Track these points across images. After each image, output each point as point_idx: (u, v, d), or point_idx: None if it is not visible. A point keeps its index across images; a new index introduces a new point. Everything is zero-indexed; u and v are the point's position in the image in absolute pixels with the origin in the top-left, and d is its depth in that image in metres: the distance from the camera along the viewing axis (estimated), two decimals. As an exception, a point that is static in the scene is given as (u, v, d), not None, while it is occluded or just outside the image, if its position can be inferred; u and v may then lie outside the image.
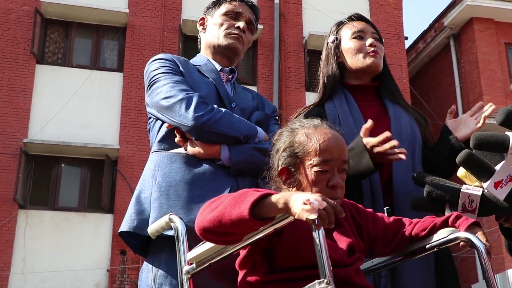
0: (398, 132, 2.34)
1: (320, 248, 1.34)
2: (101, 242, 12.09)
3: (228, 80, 2.44)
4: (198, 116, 2.10)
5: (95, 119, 12.88)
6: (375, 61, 2.44)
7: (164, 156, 2.20)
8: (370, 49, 2.44)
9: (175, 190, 2.09)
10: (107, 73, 13.45)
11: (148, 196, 2.13)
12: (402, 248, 1.80)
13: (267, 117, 2.40)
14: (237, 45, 2.43)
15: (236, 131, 2.15)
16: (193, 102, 2.13)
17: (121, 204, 12.20)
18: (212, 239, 1.52)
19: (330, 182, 1.66)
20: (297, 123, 1.78)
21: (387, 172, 2.29)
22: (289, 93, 14.14)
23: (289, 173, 1.71)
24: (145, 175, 2.20)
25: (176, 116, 2.14)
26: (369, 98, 2.48)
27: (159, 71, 2.27)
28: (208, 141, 2.14)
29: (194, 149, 2.17)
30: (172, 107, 2.15)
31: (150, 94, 2.26)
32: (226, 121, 2.14)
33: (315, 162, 1.66)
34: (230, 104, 2.32)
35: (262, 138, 2.23)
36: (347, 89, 2.48)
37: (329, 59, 2.51)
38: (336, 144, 1.69)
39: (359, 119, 2.36)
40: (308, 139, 1.69)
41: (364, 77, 2.48)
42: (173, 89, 2.19)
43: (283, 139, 1.76)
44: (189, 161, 2.16)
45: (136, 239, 2.14)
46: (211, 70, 2.40)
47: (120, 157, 12.69)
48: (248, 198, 1.41)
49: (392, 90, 2.49)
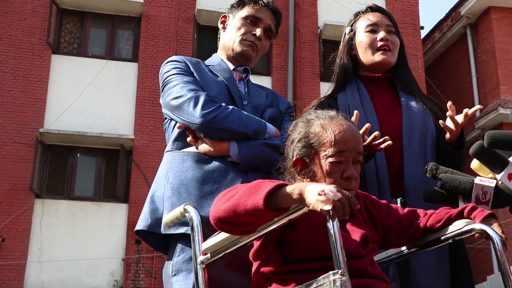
0: (410, 123, 2.33)
1: (334, 239, 1.34)
2: (116, 231, 12.16)
3: (241, 79, 2.46)
4: (205, 113, 2.14)
5: (110, 109, 12.91)
6: (384, 59, 2.43)
7: (176, 156, 2.24)
8: (380, 44, 2.44)
9: (186, 188, 2.13)
10: (122, 63, 13.46)
11: (161, 195, 2.17)
12: (416, 239, 1.80)
13: (280, 114, 2.41)
14: (250, 53, 2.44)
15: (244, 127, 2.17)
16: (200, 100, 2.17)
17: (136, 194, 12.25)
18: (227, 229, 1.53)
19: (344, 173, 1.66)
20: (313, 114, 1.78)
21: (398, 164, 2.29)
22: (304, 83, 14.06)
23: (303, 164, 1.71)
24: (159, 175, 2.24)
25: (185, 114, 2.18)
26: (382, 89, 2.48)
27: (171, 72, 2.32)
28: (217, 138, 2.17)
29: (204, 147, 2.19)
30: (181, 106, 2.19)
31: (163, 95, 2.31)
32: (234, 117, 2.16)
33: (330, 153, 1.66)
34: (242, 102, 2.34)
35: (272, 134, 2.24)
36: (360, 80, 2.48)
37: (344, 51, 2.52)
38: (351, 135, 1.69)
39: (370, 109, 2.36)
40: (324, 130, 1.69)
41: (376, 70, 2.49)
42: (182, 89, 2.23)
43: (298, 129, 1.76)
44: (200, 159, 2.19)
45: (154, 236, 2.19)
46: (224, 70, 2.42)
47: (135, 147, 12.72)
48: (263, 188, 1.42)
49: (405, 81, 2.48)
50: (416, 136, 2.30)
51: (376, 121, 2.33)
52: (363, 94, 2.42)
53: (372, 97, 2.42)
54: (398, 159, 2.29)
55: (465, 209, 1.73)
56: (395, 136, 2.31)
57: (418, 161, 2.27)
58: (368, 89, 2.45)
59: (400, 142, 2.32)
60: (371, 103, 2.39)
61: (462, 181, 1.97)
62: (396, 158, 2.30)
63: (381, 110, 2.40)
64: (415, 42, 14.84)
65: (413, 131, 2.31)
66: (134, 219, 11.57)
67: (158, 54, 13.38)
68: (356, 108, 2.34)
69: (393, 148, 2.25)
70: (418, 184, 2.21)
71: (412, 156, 2.28)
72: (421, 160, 2.27)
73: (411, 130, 2.32)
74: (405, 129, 2.33)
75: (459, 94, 16.09)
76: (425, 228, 1.79)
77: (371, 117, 2.34)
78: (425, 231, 1.79)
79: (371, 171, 2.23)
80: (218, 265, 1.74)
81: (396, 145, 2.30)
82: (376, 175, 2.24)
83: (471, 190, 1.95)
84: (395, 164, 2.29)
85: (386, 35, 2.44)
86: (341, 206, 1.33)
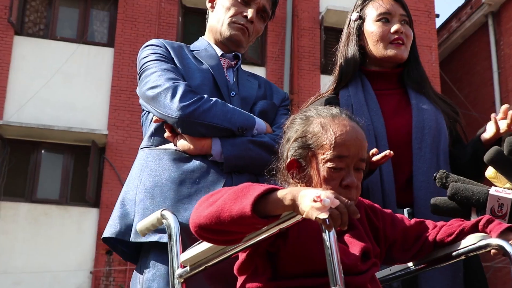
0: (420, 125, 2.34)
1: (330, 252, 1.33)
2: (85, 240, 12.14)
3: (230, 66, 2.46)
4: (184, 106, 2.14)
5: (81, 100, 12.85)
6: (397, 53, 2.43)
7: (152, 153, 2.24)
8: (393, 36, 2.43)
9: (161, 191, 2.13)
10: (95, 47, 13.40)
11: (132, 198, 2.17)
12: (424, 254, 1.80)
13: (273, 107, 2.41)
14: (239, 37, 2.43)
15: (229, 122, 2.17)
16: (178, 91, 2.17)
17: (108, 198, 12.24)
18: (209, 238, 1.53)
19: (344, 181, 1.66)
20: (313, 111, 1.78)
21: (407, 171, 2.30)
22: (302, 76, 14.09)
23: (299, 167, 1.71)
24: (132, 175, 2.25)
25: (161, 107, 2.18)
26: (390, 87, 2.49)
27: (149, 58, 2.32)
28: (197, 134, 2.17)
29: (183, 144, 2.20)
30: (158, 97, 2.19)
31: (139, 84, 2.31)
32: (217, 111, 2.16)
33: (329, 157, 1.66)
34: (229, 93, 2.34)
35: (262, 131, 2.24)
36: (366, 76, 2.48)
37: (349, 40, 2.51)
38: (354, 138, 1.69)
39: (376, 110, 2.37)
40: (323, 130, 1.70)
41: (386, 64, 2.49)
42: (160, 78, 2.23)
43: (295, 127, 1.77)
44: (178, 158, 2.20)
45: (124, 245, 2.19)
46: (211, 56, 2.42)
47: (109, 143, 12.68)
48: (251, 192, 1.42)
49: (416, 79, 2.48)
50: (427, 140, 2.31)
51: (383, 123, 2.34)
52: (369, 92, 2.42)
53: (378, 96, 2.42)
54: (407, 166, 2.30)
55: (480, 221, 1.73)
56: (403, 140, 2.32)
57: (430, 168, 2.27)
58: (374, 86, 2.45)
59: (409, 147, 2.32)
60: (377, 102, 2.40)
61: (476, 191, 1.96)
62: (404, 165, 2.30)
63: (388, 110, 2.40)
64: (429, 32, 14.88)
65: (424, 135, 2.32)
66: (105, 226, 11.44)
67: (137, 38, 13.31)
68: (360, 108, 2.35)
69: (401, 153, 2.25)
70: (429, 194, 2.21)
71: (422, 163, 2.29)
72: (433, 167, 2.27)
73: (422, 133, 2.32)
74: (415, 132, 2.34)
75: (478, 92, 16.13)
76: (435, 242, 1.79)
77: (377, 118, 2.34)
78: (435, 245, 1.79)
79: (375, 179, 2.24)
80: (198, 279, 1.74)
81: (405, 150, 2.31)
82: (380, 183, 2.24)
83: (486, 202, 1.93)
84: (403, 171, 2.30)
85: (401, 27, 2.44)
86: (339, 215, 1.32)
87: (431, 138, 2.33)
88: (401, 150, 2.25)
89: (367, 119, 2.30)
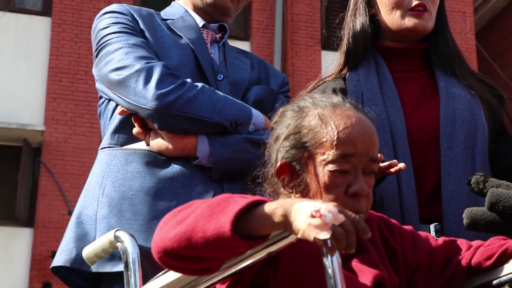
0: (451, 118, 2.35)
1: (333, 283, 1.32)
2: (14, 269, 12.05)
3: (215, 40, 2.47)
4: (162, 94, 2.13)
5: (8, 86, 12.74)
6: (419, 24, 2.44)
7: (117, 155, 2.23)
8: (413, 2, 2.43)
9: (131, 204, 2.12)
10: (26, 17, 13.28)
11: (92, 214, 2.15)
12: (457, 283, 1.80)
13: (271, 94, 2.43)
14: (227, 3, 2.44)
15: (219, 114, 2.16)
16: (154, 74, 2.16)
17: (45, 214, 12.14)
18: (177, 267, 1.51)
19: (351, 187, 1.67)
20: (308, 100, 1.80)
21: (433, 177, 2.31)
22: (298, 53, 14.00)
23: (291, 172, 1.72)
24: (90, 183, 2.23)
25: (131, 95, 2.17)
26: (411, 68, 2.50)
27: (110, 30, 2.31)
28: (179, 130, 2.16)
29: (159, 143, 2.20)
30: (126, 81, 2.18)
31: (97, 64, 2.30)
32: (204, 100, 2.16)
33: (331, 158, 1.67)
34: (216, 76, 2.35)
35: (260, 126, 2.25)
36: (381, 54, 2.50)
37: (357, 9, 2.53)
38: (363, 133, 1.70)
39: (393, 98, 2.38)
40: (323, 124, 1.70)
41: (405, 39, 2.50)
42: (128, 57, 2.22)
43: (286, 121, 1.78)
44: (152, 161, 2.19)
45: (80, 276, 2.17)
46: (189, 27, 2.42)
47: (46, 143, 12.61)
48: (230, 206, 1.41)
49: (446, 55, 2.49)
50: (460, 137, 2.32)
51: (402, 116, 2.35)
52: (384, 75, 2.44)
53: (396, 80, 2.43)
54: (433, 171, 2.31)
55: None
56: (429, 138, 2.33)
57: (463, 174, 2.27)
58: (391, 68, 2.46)
59: (436, 146, 2.33)
60: (394, 88, 2.41)
61: None
62: (430, 169, 2.31)
63: (410, 99, 2.42)
64: None
65: (456, 130, 2.33)
66: (41, 251, 11.46)
67: (82, 5, 13.24)
68: (373, 96, 2.37)
69: (426, 154, 2.27)
70: (461, 206, 2.19)
71: (453, 167, 2.29)
72: (467, 172, 2.27)
73: (453, 129, 2.33)
74: (443, 127, 2.34)
75: (526, 71, 16.16)
76: (470, 267, 1.79)
77: (395, 109, 2.36)
78: (470, 272, 1.80)
79: (391, 187, 2.24)
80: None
81: (431, 151, 2.32)
82: (398, 192, 2.25)
83: None
84: (428, 178, 2.31)
85: None
86: (344, 234, 1.31)
87: (465, 134, 2.33)
88: (426, 151, 2.26)
89: (381, 110, 2.32)
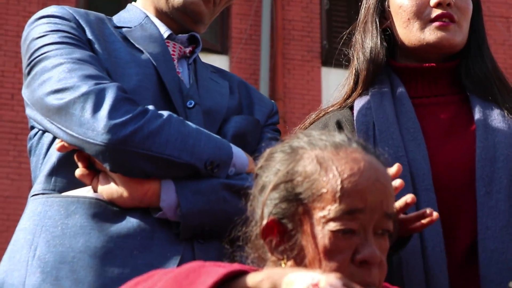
0: (490, 155, 2.30)
1: None
2: None
3: (184, 56, 2.42)
4: (117, 125, 2.00)
5: None
6: (442, 38, 2.42)
7: (54, 204, 2.10)
8: (435, 12, 2.42)
9: (72, 270, 1.99)
10: None
11: (19, 283, 2.01)
12: None
13: (256, 127, 2.37)
14: (200, 7, 2.38)
15: (191, 153, 2.07)
16: (106, 98, 2.04)
17: None
18: None
19: (358, 253, 1.62)
20: (303, 138, 1.76)
21: (468, 233, 2.26)
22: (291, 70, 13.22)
23: (282, 232, 1.68)
24: (17, 242, 2.10)
25: (74, 125, 2.05)
26: (437, 91, 2.50)
27: (47, 40, 2.21)
28: (137, 172, 2.05)
29: (110, 189, 2.07)
30: (68, 108, 2.06)
31: (30, 84, 2.19)
32: (171, 134, 2.06)
33: (333, 214, 1.62)
34: (185, 103, 2.28)
35: (243, 168, 2.16)
36: (397, 75, 2.51)
37: (367, 22, 2.57)
38: (374, 181, 1.65)
39: (413, 130, 2.36)
40: (322, 170, 1.66)
41: (428, 56, 2.49)
42: (71, 75, 2.10)
43: (274, 166, 1.74)
44: (101, 214, 2.06)
45: None
46: (151, 38, 2.36)
47: None
48: (202, 279, 1.46)
49: (481, 78, 2.46)
50: (502, 180, 2.25)
51: (425, 154, 2.31)
52: (402, 101, 2.43)
53: (418, 107, 2.42)
54: (467, 224, 2.26)
55: None
56: (461, 182, 2.29)
57: (506, 228, 2.21)
58: (411, 92, 2.46)
59: (471, 192, 2.27)
60: (415, 117, 2.39)
61: None
62: (462, 222, 2.26)
63: (435, 131, 2.40)
64: None
65: (496, 171, 2.27)
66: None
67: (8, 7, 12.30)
68: (387, 128, 2.36)
69: (457, 202, 2.24)
70: (504, 271, 2.16)
71: (493, 219, 2.22)
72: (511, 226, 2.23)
73: (493, 169, 2.27)
74: (481, 167, 2.28)
75: None
76: None
77: (416, 146, 2.32)
78: None
79: (412, 247, 2.17)
80: None
81: (464, 198, 2.28)
82: (422, 254, 2.20)
83: None
84: (461, 233, 2.27)
85: None
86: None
87: (508, 176, 2.28)
88: (457, 198, 2.23)
89: (398, 145, 2.33)
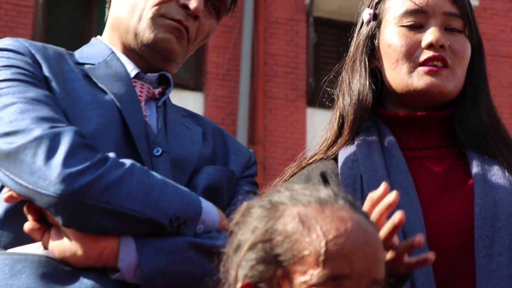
0: (490, 213, 2.21)
1: None
2: None
3: (153, 98, 2.31)
4: (72, 174, 1.88)
5: None
6: (431, 84, 2.33)
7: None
8: (426, 55, 2.33)
9: None
10: None
11: None
12: None
13: (231, 179, 2.27)
14: (172, 45, 2.30)
15: (154, 207, 1.93)
16: (62, 144, 1.92)
17: None
18: None
19: None
20: (285, 192, 1.70)
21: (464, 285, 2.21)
22: (273, 111, 13.30)
23: None
24: None
25: (24, 173, 1.92)
26: (431, 143, 2.42)
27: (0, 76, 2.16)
28: (94, 228, 1.91)
29: (63, 246, 1.92)
30: (18, 154, 1.93)
31: None
32: (133, 185, 1.93)
33: (316, 280, 1.56)
34: (151, 150, 2.17)
35: (213, 226, 2.04)
36: (385, 123, 2.44)
37: (355, 61, 2.49)
38: (362, 244, 1.59)
39: (405, 185, 2.26)
40: (305, 229, 1.60)
41: (418, 103, 2.42)
42: (23, 117, 1.99)
43: (251, 223, 1.68)
44: (52, 274, 1.91)
45: None
46: (116, 77, 2.25)
47: None
48: None
49: (475, 129, 2.39)
50: (503, 240, 2.16)
51: (419, 210, 2.21)
52: (392, 153, 2.35)
53: (409, 160, 2.33)
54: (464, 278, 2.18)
55: None
56: (458, 241, 2.21)
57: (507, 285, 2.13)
58: (402, 143, 2.38)
59: (469, 254, 2.17)
60: (407, 171, 2.30)
61: None
62: (459, 287, 2.17)
63: (430, 186, 2.30)
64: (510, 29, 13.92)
65: (497, 231, 2.17)
66: None
67: None
68: (376, 183, 2.22)
69: (453, 264, 2.16)
70: None
71: (494, 284, 2.11)
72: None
73: (493, 229, 2.17)
74: (480, 226, 2.18)
75: None
76: None
77: (408, 201, 2.21)
78: None
79: None
80: None
81: (461, 260, 2.19)
82: None
83: None
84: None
85: (440, 37, 2.32)
86: None
87: (510, 237, 2.18)
88: (454, 260, 2.14)
89: None
